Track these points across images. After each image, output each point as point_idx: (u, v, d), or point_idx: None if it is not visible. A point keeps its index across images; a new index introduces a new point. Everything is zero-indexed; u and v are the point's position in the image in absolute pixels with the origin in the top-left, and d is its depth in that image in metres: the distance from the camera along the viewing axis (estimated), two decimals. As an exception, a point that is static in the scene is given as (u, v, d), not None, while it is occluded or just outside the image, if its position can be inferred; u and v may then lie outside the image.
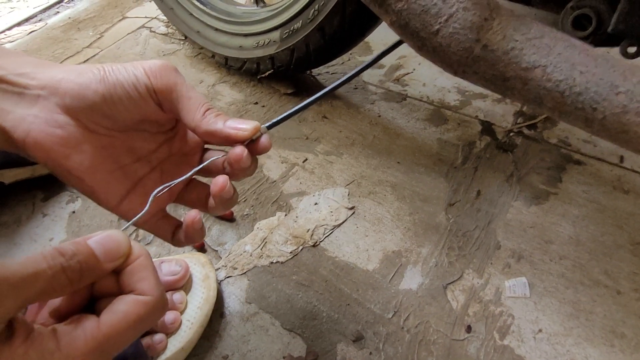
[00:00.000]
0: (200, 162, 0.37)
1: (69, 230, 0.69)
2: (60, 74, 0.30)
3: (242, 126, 0.32)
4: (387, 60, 0.96)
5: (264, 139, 0.33)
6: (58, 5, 1.31)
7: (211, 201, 0.35)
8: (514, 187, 0.71)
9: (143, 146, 0.35)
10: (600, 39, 0.42)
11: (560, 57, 0.32)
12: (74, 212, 0.71)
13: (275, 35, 0.78)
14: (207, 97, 0.90)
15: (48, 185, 0.75)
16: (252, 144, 0.33)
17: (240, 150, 0.32)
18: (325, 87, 0.38)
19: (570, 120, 0.34)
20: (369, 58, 0.56)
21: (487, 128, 0.81)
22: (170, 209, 0.68)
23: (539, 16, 0.46)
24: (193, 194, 0.38)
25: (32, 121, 0.29)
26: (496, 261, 0.62)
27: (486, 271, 0.61)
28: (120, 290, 0.27)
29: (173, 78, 0.31)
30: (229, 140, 0.32)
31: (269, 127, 0.34)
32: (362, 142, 0.79)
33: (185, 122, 0.32)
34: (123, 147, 0.34)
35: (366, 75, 0.93)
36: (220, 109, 0.77)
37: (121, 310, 0.25)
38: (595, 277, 0.59)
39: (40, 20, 1.26)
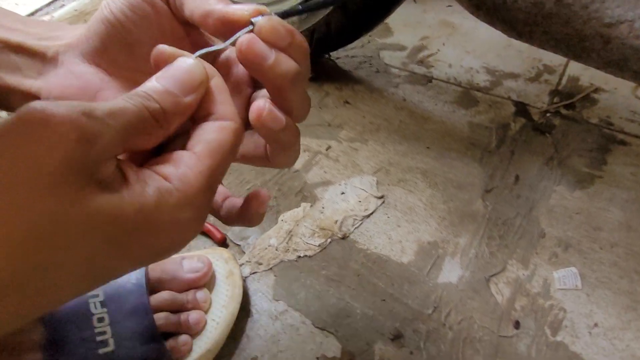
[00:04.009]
0: (250, 99, 0.31)
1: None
2: (81, 29, 0.29)
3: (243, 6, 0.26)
4: (409, 41, 0.91)
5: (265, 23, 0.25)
6: (64, -2, 1.27)
7: (268, 147, 0.29)
8: (555, 170, 0.66)
9: None
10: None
11: (650, 10, 0.27)
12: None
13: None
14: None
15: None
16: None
17: (249, 37, 0.24)
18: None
19: (656, 86, 0.29)
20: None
21: (521, 109, 0.75)
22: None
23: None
24: (250, 143, 0.31)
25: (52, 80, 0.28)
26: (541, 251, 0.57)
27: (531, 262, 0.56)
28: (194, 115, 0.24)
29: None
30: (226, 23, 0.25)
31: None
32: (387, 128, 0.74)
33: (188, 15, 0.27)
34: None
35: (388, 58, 0.88)
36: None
37: (214, 139, 0.23)
38: (652, 265, 0.55)
39: (46, 13, 1.22)
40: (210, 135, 0.23)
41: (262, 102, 0.26)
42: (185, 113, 0.23)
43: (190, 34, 0.30)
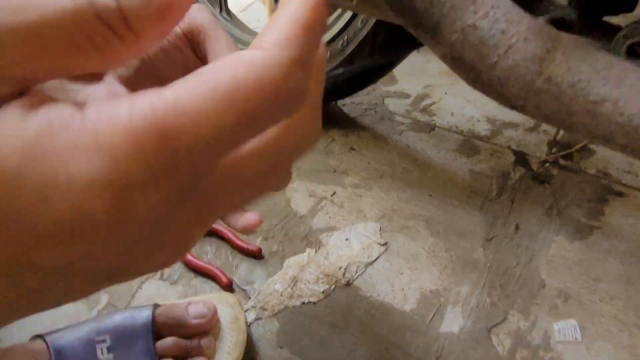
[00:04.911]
0: None
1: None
2: None
3: None
4: (413, 90, 0.94)
5: None
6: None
7: None
8: (554, 220, 0.67)
9: None
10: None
11: (633, 90, 0.30)
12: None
13: (302, 67, 0.77)
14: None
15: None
16: None
17: None
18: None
19: (642, 157, 0.31)
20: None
21: (521, 158, 0.78)
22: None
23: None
24: None
25: (96, 96, 0.30)
26: (542, 301, 0.58)
27: (532, 312, 0.57)
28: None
29: (200, 18, 0.29)
30: None
31: None
32: (391, 174, 0.76)
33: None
34: None
35: (392, 105, 0.91)
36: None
37: (205, 71, 0.15)
38: (651, 319, 0.55)
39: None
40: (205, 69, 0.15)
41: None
42: (159, 19, 0.15)
43: None
